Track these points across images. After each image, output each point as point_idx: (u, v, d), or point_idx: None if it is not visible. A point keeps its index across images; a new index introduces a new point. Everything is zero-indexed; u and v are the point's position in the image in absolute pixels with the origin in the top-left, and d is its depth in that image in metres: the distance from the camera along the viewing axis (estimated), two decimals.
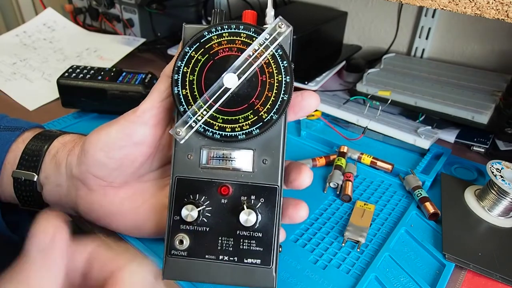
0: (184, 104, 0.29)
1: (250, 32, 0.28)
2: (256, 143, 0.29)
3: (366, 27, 0.84)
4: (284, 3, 0.87)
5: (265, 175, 0.29)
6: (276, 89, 0.28)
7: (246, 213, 0.28)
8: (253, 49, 0.28)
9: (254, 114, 0.28)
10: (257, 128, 0.28)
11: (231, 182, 0.29)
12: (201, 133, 0.29)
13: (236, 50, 0.28)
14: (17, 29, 0.87)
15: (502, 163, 0.43)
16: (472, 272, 0.37)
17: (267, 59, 0.28)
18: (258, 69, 0.28)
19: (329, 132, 0.58)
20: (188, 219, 0.28)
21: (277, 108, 0.28)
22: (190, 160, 0.29)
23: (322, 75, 0.69)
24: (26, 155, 0.36)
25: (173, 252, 0.29)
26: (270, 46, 0.28)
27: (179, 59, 0.29)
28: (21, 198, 0.36)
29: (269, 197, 0.29)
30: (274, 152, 0.29)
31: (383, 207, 0.45)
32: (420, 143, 0.53)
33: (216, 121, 0.28)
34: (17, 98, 0.66)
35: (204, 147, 0.29)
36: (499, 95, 0.61)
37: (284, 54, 0.28)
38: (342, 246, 0.40)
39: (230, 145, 0.29)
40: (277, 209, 0.29)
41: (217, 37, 0.28)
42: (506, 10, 0.35)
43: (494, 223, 0.42)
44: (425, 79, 0.66)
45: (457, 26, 0.72)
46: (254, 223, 0.28)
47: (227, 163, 0.29)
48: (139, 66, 0.80)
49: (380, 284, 0.36)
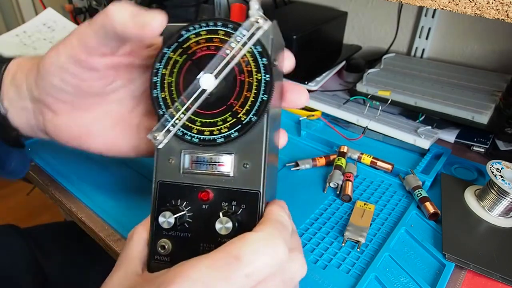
0: (163, 108, 0.28)
1: (227, 28, 0.27)
2: (236, 147, 0.27)
3: (366, 27, 0.84)
4: (284, 3, 0.87)
5: (246, 180, 0.27)
6: (255, 88, 0.27)
7: (222, 222, 0.26)
8: (230, 47, 0.26)
9: (233, 116, 0.27)
10: (236, 131, 0.27)
11: (212, 187, 0.28)
12: (180, 137, 0.28)
13: (214, 48, 0.27)
14: (17, 29, 0.87)
15: (502, 163, 0.43)
16: (472, 272, 0.38)
17: (245, 57, 0.26)
18: (236, 67, 0.27)
19: (329, 132, 0.58)
20: (164, 226, 0.27)
21: (257, 109, 0.26)
22: (171, 164, 0.28)
23: (322, 75, 0.69)
24: None
25: (156, 257, 0.28)
26: (247, 42, 0.26)
27: (158, 60, 0.28)
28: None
29: (250, 203, 0.27)
30: (255, 156, 0.27)
31: (383, 207, 0.45)
32: (420, 143, 0.53)
33: (195, 124, 0.27)
34: None
35: (185, 151, 0.28)
36: (499, 95, 0.61)
37: (264, 51, 0.26)
38: (342, 246, 0.40)
39: (209, 149, 0.28)
40: (258, 214, 0.27)
41: (195, 35, 0.27)
42: (506, 10, 0.35)
43: (494, 223, 0.42)
44: (425, 79, 0.66)
45: (457, 26, 0.72)
46: (230, 232, 0.26)
47: (207, 167, 0.28)
48: None
49: (380, 284, 0.36)
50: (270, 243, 0.24)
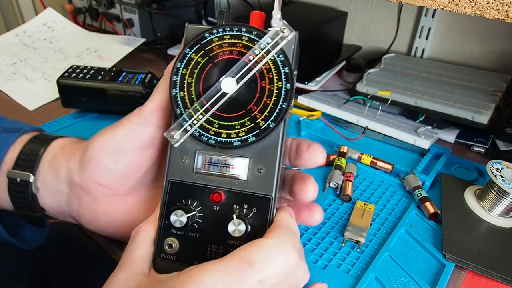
0: (181, 107, 0.28)
1: (252, 35, 0.27)
2: (252, 151, 0.28)
3: (366, 27, 0.84)
4: (284, 3, 0.87)
5: (259, 185, 0.28)
6: (275, 96, 0.27)
7: (235, 223, 0.27)
8: (254, 53, 0.27)
9: (251, 121, 0.27)
10: (253, 136, 0.27)
11: (224, 189, 0.28)
12: (196, 137, 0.28)
13: (236, 53, 0.28)
14: (17, 29, 0.87)
15: (502, 163, 0.43)
16: (472, 272, 0.37)
17: (267, 64, 0.27)
18: (257, 74, 0.27)
19: (329, 132, 0.58)
20: (176, 225, 0.27)
21: (275, 116, 0.27)
22: (185, 164, 0.29)
23: (322, 75, 0.69)
24: (24, 155, 0.34)
25: (162, 256, 0.28)
26: (271, 50, 0.27)
27: (179, 60, 0.28)
28: (15, 200, 0.34)
29: (261, 207, 0.28)
30: (270, 162, 0.28)
31: (383, 207, 0.45)
32: (420, 143, 0.53)
33: (212, 126, 0.28)
34: (17, 98, 0.66)
35: (199, 152, 0.28)
36: (499, 95, 0.61)
37: (286, 60, 0.27)
38: (342, 246, 0.40)
39: (225, 151, 0.28)
40: (269, 220, 0.27)
41: (218, 39, 0.28)
42: (506, 10, 0.35)
43: (494, 223, 0.42)
44: (425, 79, 0.66)
45: (457, 26, 0.72)
46: (243, 234, 0.27)
47: (221, 169, 0.28)
48: (139, 66, 0.80)
49: (380, 284, 0.36)
50: (282, 250, 0.24)
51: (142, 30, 0.83)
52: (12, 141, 0.35)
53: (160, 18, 0.85)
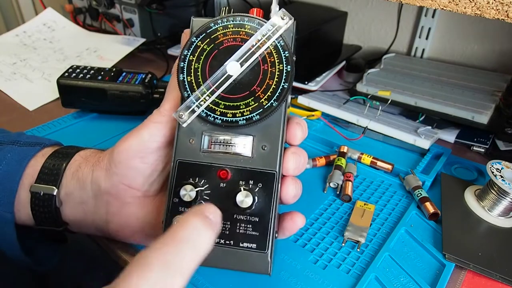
0: (189, 90, 0.29)
1: (254, 24, 0.29)
2: (256, 130, 0.30)
3: (366, 27, 0.84)
4: (284, 3, 0.87)
5: (264, 161, 0.30)
6: (277, 77, 0.29)
7: (243, 195, 0.28)
8: (256, 39, 0.29)
9: (255, 101, 0.29)
10: (258, 114, 0.29)
11: (230, 167, 0.30)
12: (203, 118, 0.29)
13: (240, 40, 0.29)
14: (17, 29, 0.87)
15: (502, 163, 0.43)
16: (472, 272, 0.37)
17: (269, 49, 0.29)
18: (260, 58, 0.29)
19: (329, 132, 0.58)
20: (185, 199, 0.29)
21: (278, 95, 0.29)
22: (192, 145, 0.30)
23: (322, 75, 0.69)
24: (46, 169, 0.34)
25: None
26: (272, 36, 0.29)
27: (186, 48, 0.30)
28: (38, 215, 0.34)
29: (266, 182, 0.29)
30: (274, 139, 0.30)
31: (383, 207, 0.45)
32: (420, 143, 0.53)
33: (218, 107, 0.29)
34: (17, 98, 0.66)
35: (205, 133, 0.30)
36: (499, 95, 0.61)
37: (286, 45, 0.29)
38: (342, 246, 0.40)
39: (230, 130, 0.30)
40: (274, 194, 0.29)
41: (223, 28, 0.29)
42: (506, 10, 0.35)
43: (494, 223, 0.42)
44: (425, 79, 0.66)
45: (457, 26, 0.72)
46: (250, 205, 0.28)
47: (227, 148, 0.30)
48: (139, 66, 0.80)
49: (380, 284, 0.36)
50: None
51: (142, 30, 0.83)
52: (33, 155, 0.35)
53: (160, 18, 0.85)
